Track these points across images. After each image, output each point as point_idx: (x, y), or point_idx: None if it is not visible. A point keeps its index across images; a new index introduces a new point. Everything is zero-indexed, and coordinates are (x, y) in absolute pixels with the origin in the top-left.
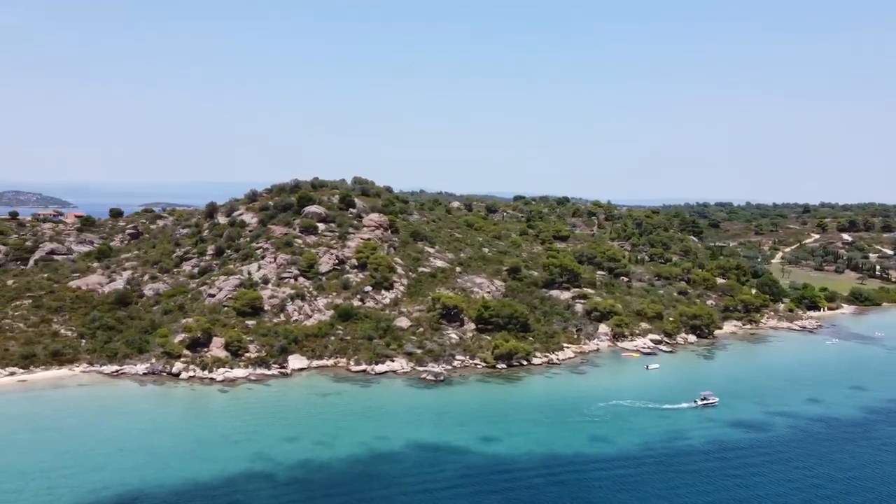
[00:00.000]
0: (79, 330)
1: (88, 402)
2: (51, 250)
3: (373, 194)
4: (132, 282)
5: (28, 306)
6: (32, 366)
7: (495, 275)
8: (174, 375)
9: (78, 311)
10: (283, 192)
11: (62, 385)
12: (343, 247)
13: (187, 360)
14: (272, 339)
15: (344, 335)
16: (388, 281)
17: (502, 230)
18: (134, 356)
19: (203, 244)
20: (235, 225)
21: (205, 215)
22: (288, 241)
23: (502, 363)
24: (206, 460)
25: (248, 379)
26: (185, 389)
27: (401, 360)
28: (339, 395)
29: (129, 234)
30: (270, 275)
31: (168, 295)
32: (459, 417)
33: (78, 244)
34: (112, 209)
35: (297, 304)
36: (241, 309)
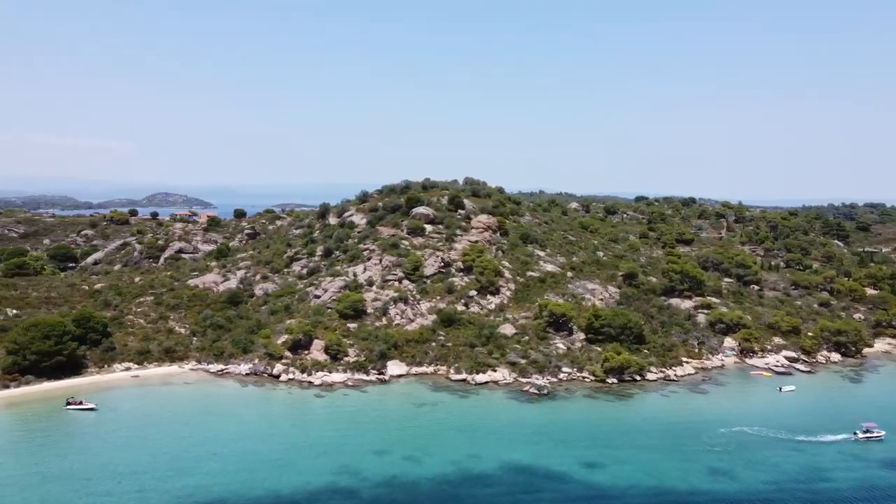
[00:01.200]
0: (191, 328)
1: (190, 402)
2: (179, 249)
3: (483, 195)
4: (244, 281)
5: (150, 303)
6: (146, 361)
7: (609, 281)
8: (274, 377)
9: (193, 309)
10: (394, 192)
11: (170, 382)
12: (449, 249)
13: (288, 361)
14: (372, 344)
15: (445, 341)
16: (494, 285)
17: (620, 233)
18: (239, 356)
19: (313, 245)
20: (345, 226)
21: (317, 216)
22: (394, 243)
23: (613, 377)
24: (292, 470)
25: (346, 384)
26: (283, 392)
27: (503, 369)
28: (435, 406)
29: (248, 235)
30: (375, 277)
31: (276, 295)
32: (561, 437)
33: (204, 243)
34: (236, 210)
35: (399, 307)
36: (343, 311)
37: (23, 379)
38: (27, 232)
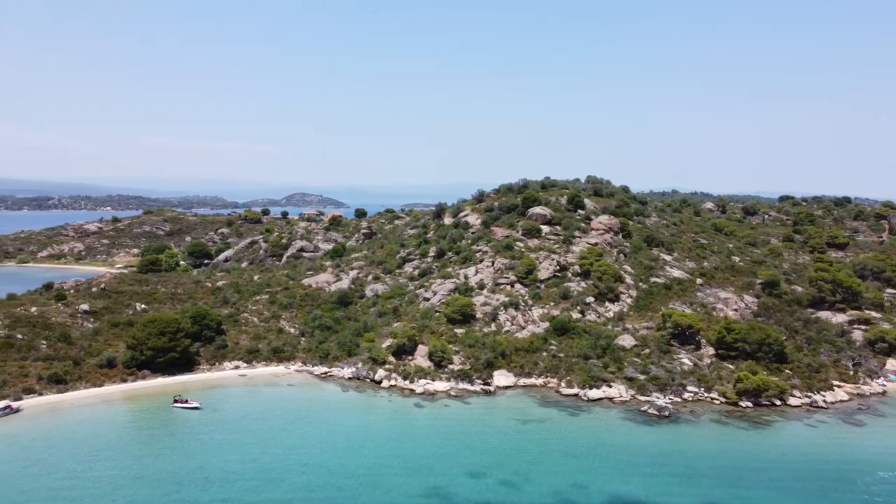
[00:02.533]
0: (301, 328)
1: (289, 406)
2: (300, 248)
3: (606, 195)
4: (356, 281)
5: (264, 301)
6: (255, 360)
7: (745, 289)
8: (376, 382)
9: (303, 309)
10: (510, 192)
11: (274, 383)
12: (566, 252)
13: (391, 367)
14: (478, 351)
15: (557, 352)
16: (613, 292)
17: (759, 235)
18: (343, 358)
19: (426, 246)
20: (459, 226)
21: (433, 216)
22: (508, 245)
23: (747, 400)
24: (379, 488)
25: (448, 394)
26: (383, 399)
27: (619, 385)
28: (541, 424)
29: (364, 234)
30: (487, 280)
31: (385, 297)
32: (684, 470)
33: (324, 242)
34: (357, 209)
35: (509, 313)
36: (451, 315)
37: (140, 373)
38: (172, 230)
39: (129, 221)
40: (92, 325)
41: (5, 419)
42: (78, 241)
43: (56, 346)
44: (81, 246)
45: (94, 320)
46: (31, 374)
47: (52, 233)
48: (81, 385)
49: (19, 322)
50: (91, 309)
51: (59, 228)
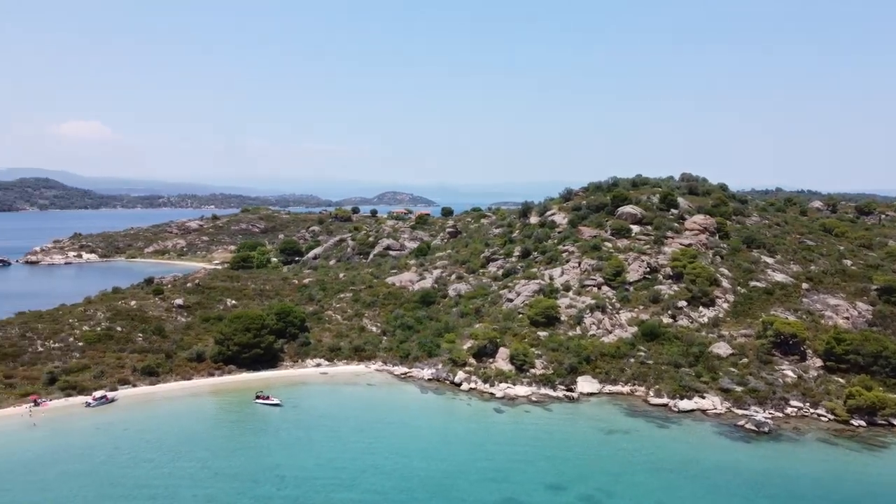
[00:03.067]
0: (382, 326)
1: (367, 406)
2: (387, 246)
3: (701, 193)
4: (439, 281)
5: (348, 300)
6: (336, 359)
7: (858, 295)
8: (455, 385)
9: (386, 308)
10: (599, 190)
11: (354, 382)
12: (657, 253)
13: (471, 369)
14: (562, 356)
15: (646, 358)
16: (707, 296)
17: (875, 237)
18: (423, 359)
19: (511, 245)
20: (545, 226)
21: (519, 215)
22: (595, 245)
23: (860, 419)
24: (453, 497)
25: (529, 399)
26: (462, 403)
27: (713, 396)
28: (627, 435)
29: (449, 233)
30: (572, 281)
31: (468, 297)
32: (784, 494)
33: (410, 241)
34: (444, 208)
35: (596, 316)
36: (534, 317)
37: (226, 368)
38: (266, 227)
39: (228, 219)
40: (185, 320)
41: (101, 408)
42: (180, 238)
43: (151, 339)
44: (183, 242)
45: (187, 315)
46: (126, 366)
47: (158, 230)
48: (171, 378)
49: (119, 315)
50: (185, 303)
51: (164, 226)
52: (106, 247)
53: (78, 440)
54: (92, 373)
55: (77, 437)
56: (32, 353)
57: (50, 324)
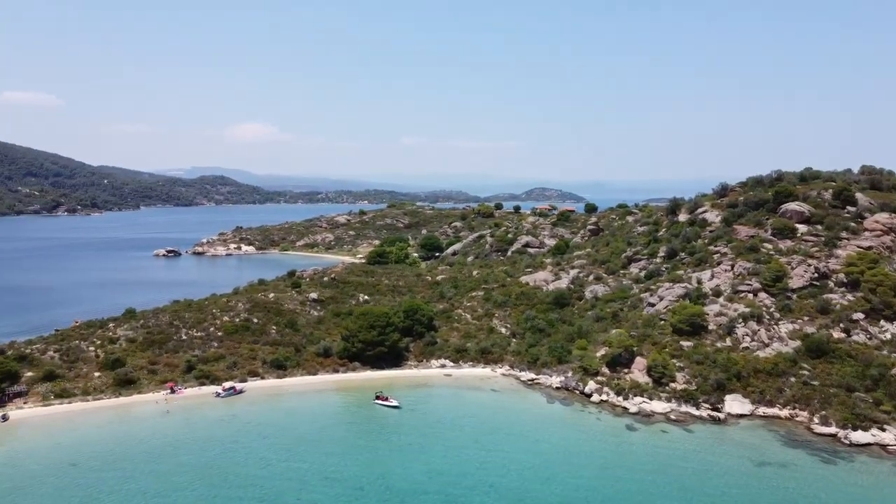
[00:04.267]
0: (512, 328)
1: (488, 414)
2: (526, 243)
3: (886, 188)
4: (576, 281)
5: (480, 298)
6: (462, 360)
7: None
8: (585, 395)
9: (518, 308)
10: (760, 185)
11: (478, 387)
12: (828, 256)
13: (603, 379)
14: (708, 370)
15: (810, 378)
16: (891, 308)
17: None
18: (552, 365)
19: (656, 245)
20: (695, 224)
21: (666, 212)
22: (753, 246)
23: None
24: None
25: (667, 417)
26: (591, 417)
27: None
28: (783, 469)
29: (590, 231)
30: (724, 286)
31: (606, 299)
32: None
33: (550, 238)
34: (587, 204)
35: (750, 326)
36: (677, 325)
37: (350, 365)
38: (410, 223)
39: (374, 214)
40: (317, 314)
41: (229, 399)
42: (329, 233)
43: (283, 332)
44: (331, 236)
45: (320, 309)
46: (258, 358)
47: (310, 224)
48: (298, 372)
49: (257, 307)
50: (319, 298)
51: (315, 220)
52: (262, 239)
53: (201, 431)
54: (226, 363)
55: (201, 428)
56: (177, 340)
57: (196, 313)
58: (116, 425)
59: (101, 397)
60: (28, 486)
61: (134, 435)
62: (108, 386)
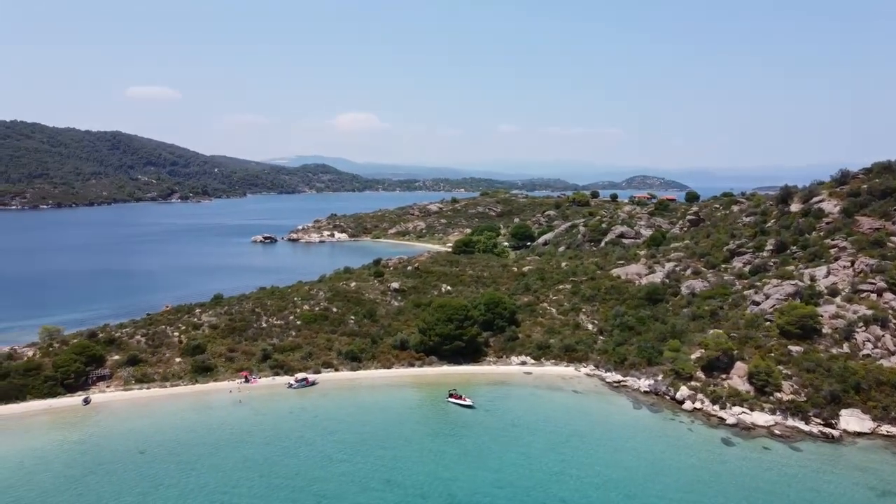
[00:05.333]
0: (600, 325)
1: (569, 418)
2: (620, 233)
3: None
4: (671, 275)
5: (567, 292)
6: (544, 357)
7: None
8: (677, 402)
9: (607, 303)
10: (887, 172)
11: (559, 387)
12: None
13: (697, 385)
14: (820, 379)
15: None
16: None
17: None
18: (641, 367)
19: (763, 237)
20: (809, 214)
21: (776, 201)
22: (877, 240)
23: None
24: None
25: (771, 431)
26: (682, 426)
27: None
28: None
29: (690, 221)
30: (842, 284)
31: (704, 296)
32: None
33: (646, 228)
34: (688, 193)
35: (872, 331)
36: (785, 327)
37: (426, 359)
38: (503, 211)
39: (466, 203)
40: (397, 304)
41: (301, 391)
42: (421, 220)
43: (361, 323)
44: (423, 224)
45: (401, 299)
46: (334, 348)
47: (402, 212)
48: (373, 364)
49: (338, 296)
50: (400, 287)
51: (408, 208)
52: (355, 227)
53: (269, 423)
54: (301, 353)
55: (269, 420)
56: (257, 328)
57: (278, 300)
58: (189, 413)
59: (178, 384)
60: (96, 472)
61: (204, 424)
62: (187, 372)
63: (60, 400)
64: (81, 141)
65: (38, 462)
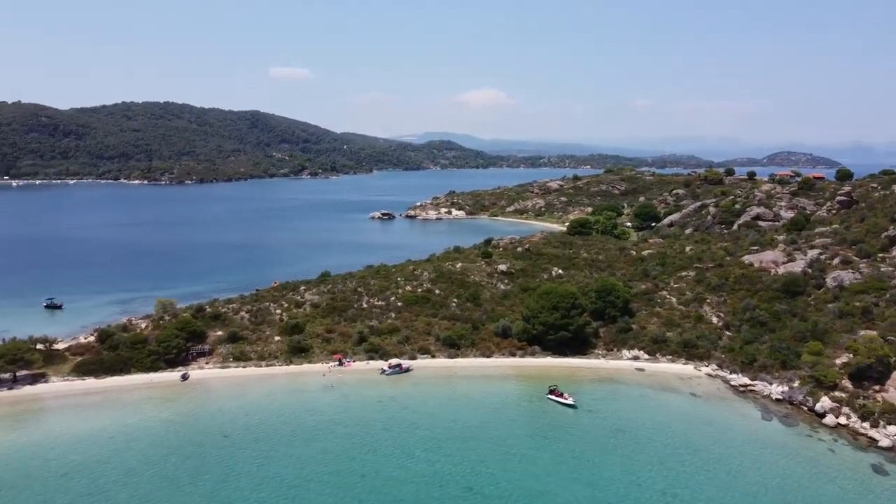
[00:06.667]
0: (726, 319)
1: (684, 426)
2: (756, 215)
3: None
4: (815, 265)
5: (690, 280)
6: (660, 352)
7: None
8: (816, 415)
9: (736, 295)
10: None
11: (675, 388)
12: None
13: (843, 396)
14: None
15: None
16: None
17: None
18: (774, 370)
19: None
20: None
21: None
22: None
23: None
24: None
25: None
26: (822, 445)
27: None
28: None
29: (840, 203)
30: None
31: (854, 290)
32: None
33: (787, 210)
34: (840, 170)
35: None
36: None
37: (529, 349)
38: (627, 189)
39: (588, 180)
40: (504, 287)
41: (393, 378)
42: (540, 198)
43: (464, 306)
44: (542, 202)
45: (508, 282)
46: (432, 333)
47: (522, 189)
48: (471, 352)
49: (442, 277)
50: (508, 270)
51: (528, 185)
52: (473, 204)
53: (355, 413)
54: (398, 336)
55: (355, 409)
56: (357, 309)
57: (381, 280)
58: (279, 396)
59: (273, 364)
60: (178, 454)
61: (291, 409)
62: (283, 352)
63: (161, 374)
64: (224, 120)
65: (127, 439)
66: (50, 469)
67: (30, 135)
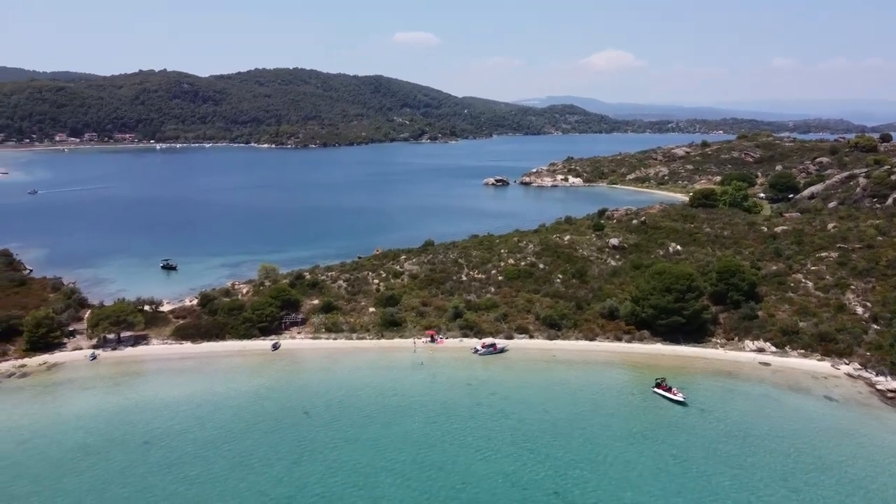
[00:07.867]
0: (875, 310)
1: (811, 438)
2: None
3: None
4: None
5: (831, 262)
6: (789, 346)
7: None
8: None
9: (888, 281)
10: None
11: (805, 389)
12: None
13: None
14: None
15: None
16: None
17: None
18: None
19: None
20: None
21: None
22: None
23: None
24: None
25: None
26: None
27: None
28: None
29: None
30: None
31: None
32: None
33: None
34: None
35: None
36: None
37: (637, 334)
38: (762, 157)
39: (718, 147)
40: (615, 264)
41: (486, 358)
42: (663, 166)
43: (569, 283)
44: (666, 170)
45: (619, 258)
46: (532, 311)
47: (644, 156)
48: (573, 334)
49: (547, 250)
50: (620, 244)
51: (650, 152)
52: (591, 171)
53: (442, 395)
54: (496, 313)
55: (443, 391)
56: (455, 281)
57: (484, 252)
58: (366, 371)
59: (364, 336)
60: (255, 431)
61: (377, 387)
62: (375, 325)
63: (254, 342)
64: (349, 85)
65: (212, 409)
66: (134, 436)
67: (173, 101)
